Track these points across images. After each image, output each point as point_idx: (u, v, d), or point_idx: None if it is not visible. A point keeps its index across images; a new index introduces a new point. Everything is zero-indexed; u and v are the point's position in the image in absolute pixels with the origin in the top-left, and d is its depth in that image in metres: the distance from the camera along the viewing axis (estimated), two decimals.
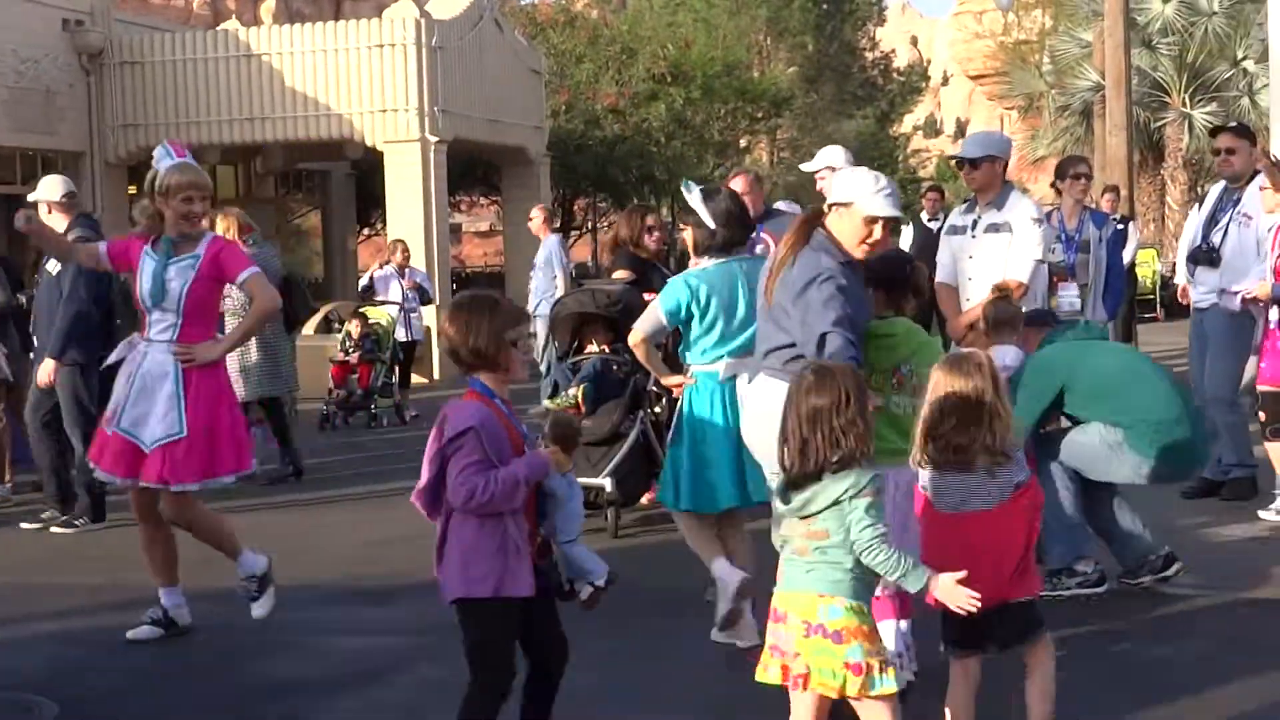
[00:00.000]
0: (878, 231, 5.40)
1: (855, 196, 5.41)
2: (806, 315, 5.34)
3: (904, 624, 5.57)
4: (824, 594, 4.25)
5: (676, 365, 6.92)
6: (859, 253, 5.44)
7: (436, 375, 20.18)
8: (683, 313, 6.41)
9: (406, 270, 16.74)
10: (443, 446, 4.53)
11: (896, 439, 5.22)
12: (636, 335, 6.60)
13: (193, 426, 6.73)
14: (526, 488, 4.54)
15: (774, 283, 5.46)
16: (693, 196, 6.51)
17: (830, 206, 5.51)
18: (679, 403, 6.65)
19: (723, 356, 6.41)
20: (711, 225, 6.43)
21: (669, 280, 6.74)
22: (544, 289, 16.06)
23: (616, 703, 5.99)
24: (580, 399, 9.27)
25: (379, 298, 16.47)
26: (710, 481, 6.42)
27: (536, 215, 16.85)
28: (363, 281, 16.99)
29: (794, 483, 4.32)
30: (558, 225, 17.01)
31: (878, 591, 4.95)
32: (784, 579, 4.39)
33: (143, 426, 6.75)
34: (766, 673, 4.36)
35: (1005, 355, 6.84)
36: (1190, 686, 5.68)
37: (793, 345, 5.43)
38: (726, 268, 6.44)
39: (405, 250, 17.24)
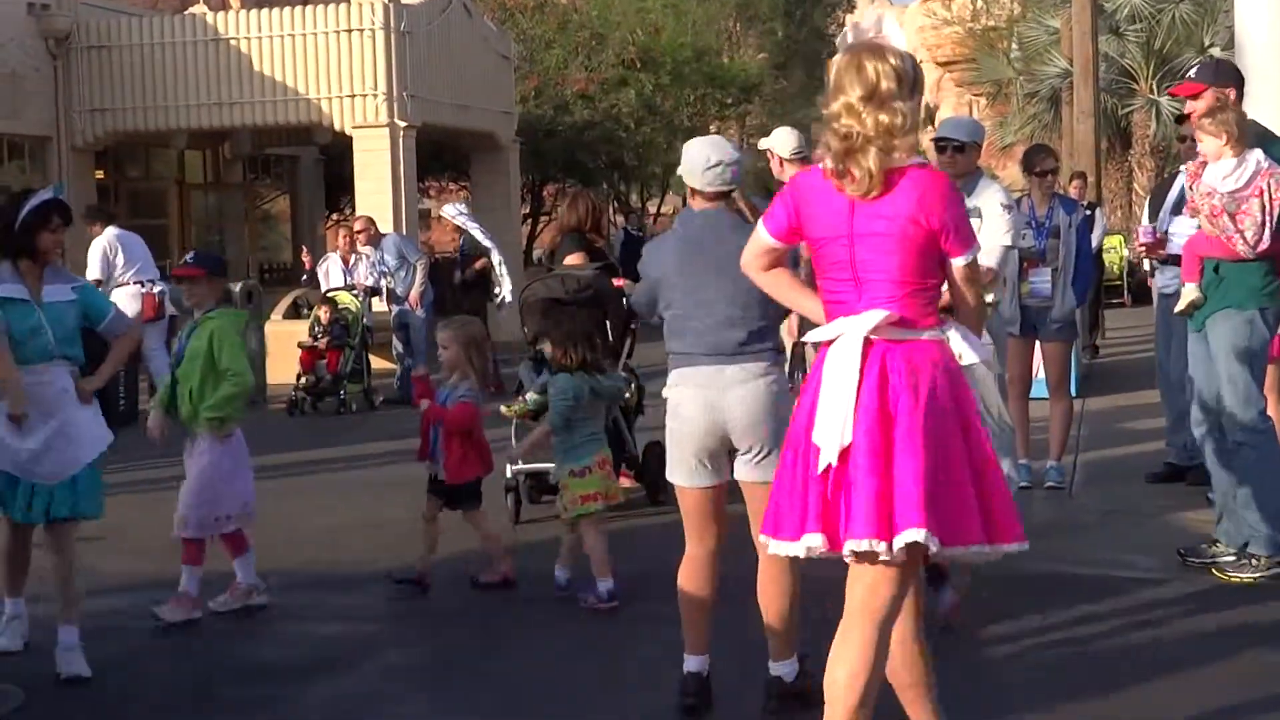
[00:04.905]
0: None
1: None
2: None
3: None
4: None
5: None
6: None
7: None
8: None
9: (352, 257, 16.75)
10: None
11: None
12: None
13: None
14: None
15: None
16: None
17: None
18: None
19: None
20: None
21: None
22: (411, 283, 16.09)
23: (576, 685, 6.00)
24: (530, 408, 9.27)
25: (334, 284, 16.54)
26: None
27: (361, 226, 16.77)
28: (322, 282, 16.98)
29: None
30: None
31: None
32: None
33: None
34: None
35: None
36: (1162, 671, 5.71)
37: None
38: None
39: (348, 236, 17.22)
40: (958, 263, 4.23)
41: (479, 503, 7.59)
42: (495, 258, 16.15)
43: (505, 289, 16.00)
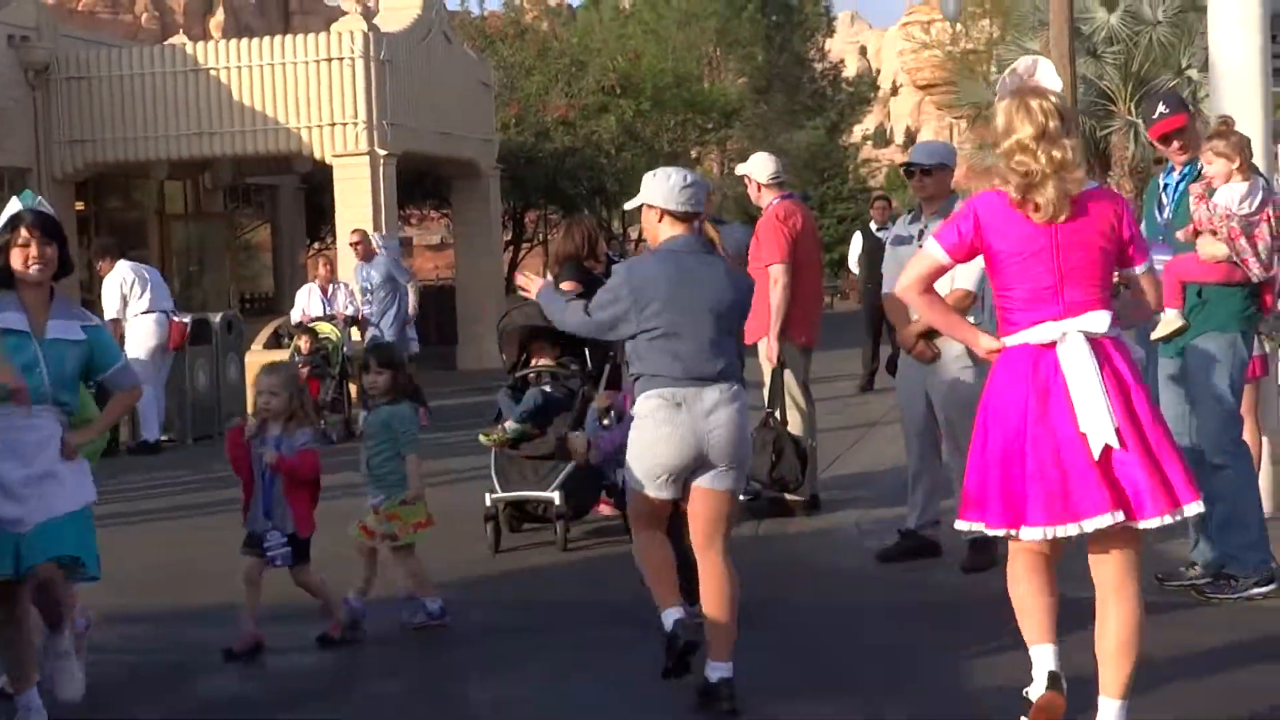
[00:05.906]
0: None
1: None
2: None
3: None
4: None
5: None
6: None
7: None
8: None
9: (330, 287, 16.84)
10: None
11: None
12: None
13: None
14: None
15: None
16: None
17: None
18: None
19: None
20: None
21: None
22: (387, 306, 16.17)
23: (567, 710, 5.99)
24: (510, 437, 9.23)
25: (313, 314, 16.58)
26: None
27: (357, 238, 17.00)
28: (294, 316, 17.02)
29: None
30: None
31: None
32: None
33: None
34: None
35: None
36: (1143, 692, 5.69)
37: None
38: None
39: (327, 265, 17.32)
40: (1140, 269, 4.90)
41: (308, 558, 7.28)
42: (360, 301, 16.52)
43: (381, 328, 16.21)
